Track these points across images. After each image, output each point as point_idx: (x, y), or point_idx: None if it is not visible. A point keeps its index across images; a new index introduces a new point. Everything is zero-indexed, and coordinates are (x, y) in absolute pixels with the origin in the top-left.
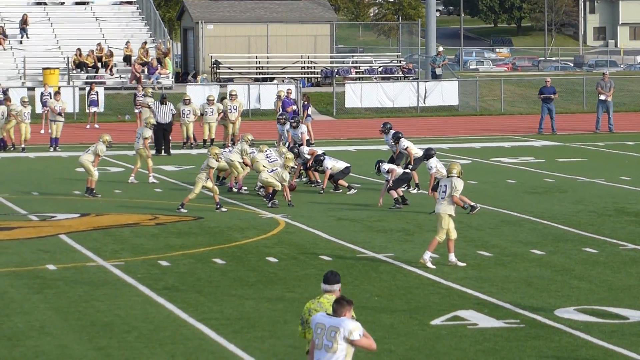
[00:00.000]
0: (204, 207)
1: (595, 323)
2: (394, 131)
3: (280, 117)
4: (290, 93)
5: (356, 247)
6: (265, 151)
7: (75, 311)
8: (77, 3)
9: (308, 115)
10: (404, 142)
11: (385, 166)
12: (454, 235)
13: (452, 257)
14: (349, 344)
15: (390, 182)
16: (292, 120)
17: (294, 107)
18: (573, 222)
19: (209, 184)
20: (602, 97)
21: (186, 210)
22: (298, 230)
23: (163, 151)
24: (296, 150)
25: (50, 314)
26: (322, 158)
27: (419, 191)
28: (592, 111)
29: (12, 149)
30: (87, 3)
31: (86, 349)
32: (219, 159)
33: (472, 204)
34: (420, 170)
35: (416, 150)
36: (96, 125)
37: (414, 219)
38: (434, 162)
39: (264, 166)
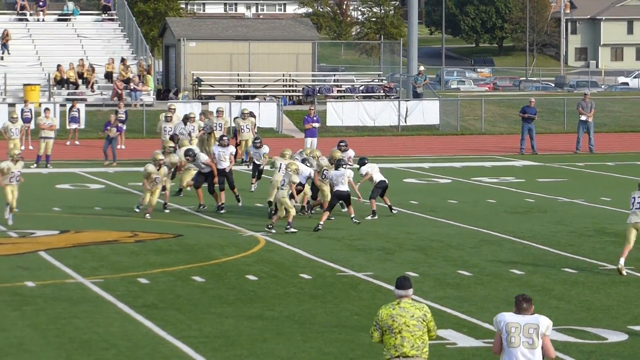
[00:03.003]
0: (183, 224)
1: (574, 343)
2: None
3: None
4: (313, 110)
5: (336, 265)
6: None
7: (54, 328)
8: (58, 19)
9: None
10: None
11: (363, 169)
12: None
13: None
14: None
15: (359, 184)
16: (256, 141)
17: (315, 124)
18: (553, 242)
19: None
20: (583, 118)
21: (295, 230)
22: (278, 249)
23: None
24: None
25: (29, 331)
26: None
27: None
28: (572, 131)
29: None
30: (69, 19)
31: None
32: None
33: None
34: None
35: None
36: (77, 142)
37: (394, 237)
38: (365, 169)
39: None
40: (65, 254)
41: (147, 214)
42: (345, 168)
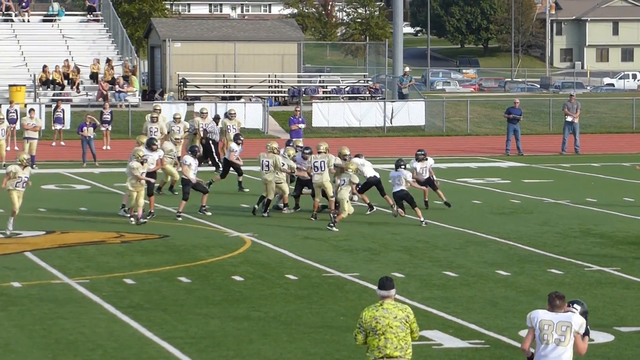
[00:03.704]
0: (169, 225)
1: None
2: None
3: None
4: (299, 112)
5: (322, 266)
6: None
7: (40, 329)
8: (44, 20)
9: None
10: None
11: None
12: None
13: None
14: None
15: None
16: (305, 151)
17: (301, 125)
18: (539, 243)
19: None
20: (569, 119)
21: (337, 230)
22: (264, 249)
23: (216, 167)
24: None
25: (15, 331)
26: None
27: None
28: (558, 132)
29: None
30: (54, 20)
31: None
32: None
33: None
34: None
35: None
36: (62, 143)
37: (380, 238)
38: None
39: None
40: (51, 254)
41: (140, 218)
42: (404, 168)
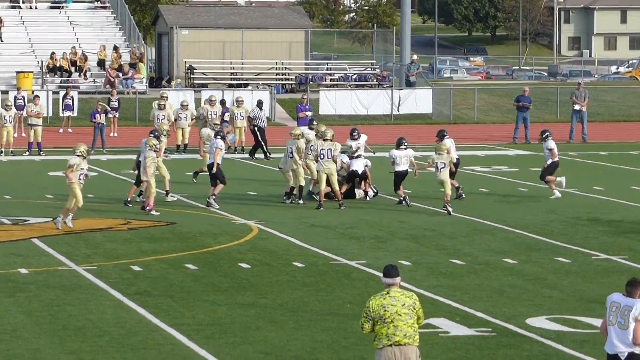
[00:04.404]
0: (177, 212)
1: (566, 332)
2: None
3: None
4: (305, 99)
5: (329, 254)
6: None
7: (47, 315)
8: (51, 7)
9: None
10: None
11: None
12: None
13: None
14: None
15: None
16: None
17: (308, 113)
18: (545, 231)
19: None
20: (577, 107)
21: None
22: (271, 237)
23: (265, 154)
24: None
25: (22, 317)
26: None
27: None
28: (565, 121)
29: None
30: (62, 7)
31: (58, 353)
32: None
33: None
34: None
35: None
36: (69, 130)
37: (387, 226)
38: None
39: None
40: (59, 241)
41: (151, 210)
42: (406, 148)
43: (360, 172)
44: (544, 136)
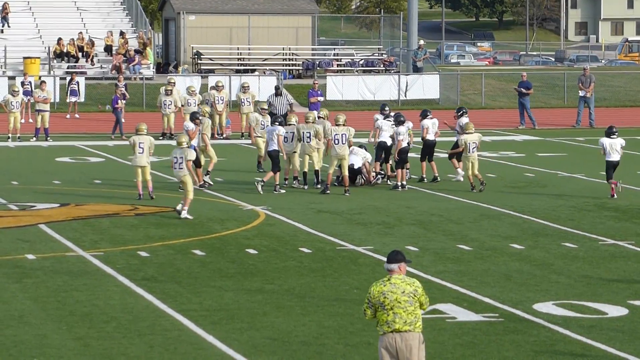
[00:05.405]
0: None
1: (573, 318)
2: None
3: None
4: (317, 84)
5: (336, 239)
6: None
7: (54, 301)
8: None
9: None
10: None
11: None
12: None
13: None
14: None
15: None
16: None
17: (320, 98)
18: (552, 216)
19: None
20: (582, 94)
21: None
22: (278, 223)
23: None
24: None
25: (29, 303)
26: None
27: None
28: (572, 106)
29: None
30: None
31: (65, 339)
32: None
33: None
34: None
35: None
36: (76, 115)
37: (394, 211)
38: (403, 129)
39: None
40: (66, 227)
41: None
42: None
43: (356, 167)
44: (459, 113)
